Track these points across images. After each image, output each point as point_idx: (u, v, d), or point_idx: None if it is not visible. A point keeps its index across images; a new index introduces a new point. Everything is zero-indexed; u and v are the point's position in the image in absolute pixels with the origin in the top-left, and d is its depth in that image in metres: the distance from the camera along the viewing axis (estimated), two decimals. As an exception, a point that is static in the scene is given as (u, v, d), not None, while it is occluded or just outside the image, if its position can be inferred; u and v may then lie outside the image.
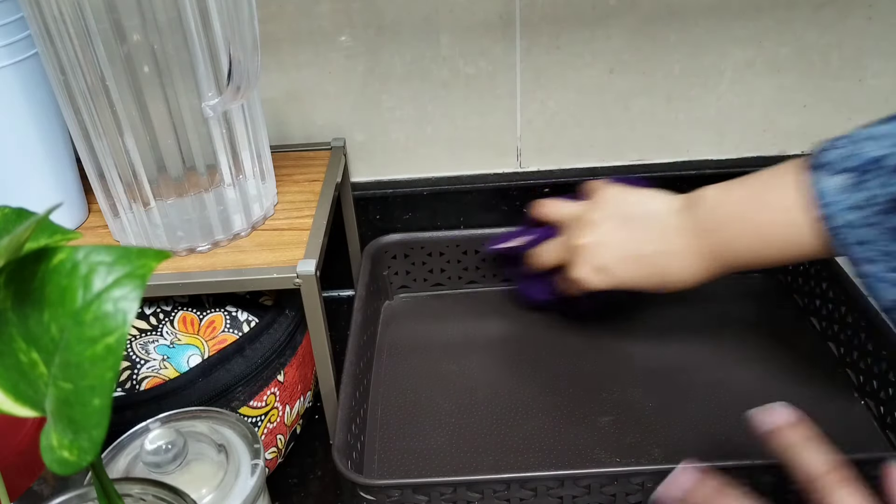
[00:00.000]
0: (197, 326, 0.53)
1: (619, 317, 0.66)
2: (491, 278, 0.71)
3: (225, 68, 0.48)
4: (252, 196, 0.55)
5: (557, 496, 0.46)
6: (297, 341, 0.56)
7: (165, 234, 0.53)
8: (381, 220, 0.73)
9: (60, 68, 0.47)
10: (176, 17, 0.46)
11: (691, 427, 0.55)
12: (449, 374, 0.61)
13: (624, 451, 0.54)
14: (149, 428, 0.44)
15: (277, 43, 0.66)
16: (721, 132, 0.71)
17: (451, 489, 0.46)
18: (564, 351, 0.63)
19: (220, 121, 0.50)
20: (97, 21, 0.44)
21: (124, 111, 0.47)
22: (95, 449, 0.23)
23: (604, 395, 0.58)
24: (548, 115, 0.70)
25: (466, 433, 0.56)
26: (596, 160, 0.72)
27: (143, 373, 0.50)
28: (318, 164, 0.64)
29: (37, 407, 0.26)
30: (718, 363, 0.61)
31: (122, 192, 0.51)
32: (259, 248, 0.54)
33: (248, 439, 0.43)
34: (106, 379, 0.23)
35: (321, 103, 0.69)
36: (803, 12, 0.65)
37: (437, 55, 0.66)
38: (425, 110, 0.69)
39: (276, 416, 0.53)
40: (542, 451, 0.54)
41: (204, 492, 0.40)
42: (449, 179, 0.72)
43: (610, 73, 0.68)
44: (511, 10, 0.64)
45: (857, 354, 0.58)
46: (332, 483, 0.57)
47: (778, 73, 0.68)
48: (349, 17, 0.65)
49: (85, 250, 0.24)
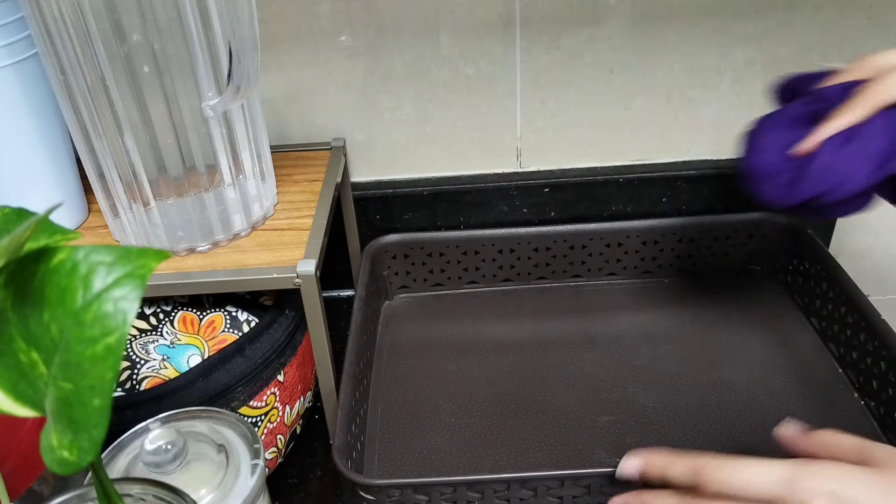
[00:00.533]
0: (197, 326, 0.53)
1: (618, 319, 0.66)
2: (491, 278, 0.71)
3: (225, 68, 0.48)
4: (252, 196, 0.55)
5: (557, 496, 0.46)
6: (297, 341, 0.56)
7: (165, 234, 0.53)
8: (381, 220, 0.73)
9: (60, 68, 0.47)
10: (176, 17, 0.46)
11: (691, 427, 0.55)
12: (449, 374, 0.61)
13: (624, 451, 0.53)
14: (149, 428, 0.44)
15: (277, 43, 0.66)
16: (721, 132, 0.71)
17: (451, 489, 0.46)
18: (564, 351, 0.63)
19: (220, 121, 0.50)
20: (97, 21, 0.44)
21: (124, 111, 0.47)
22: (95, 449, 0.23)
23: (604, 395, 0.58)
24: (548, 115, 0.70)
25: (466, 433, 0.56)
26: (596, 160, 0.72)
27: (143, 373, 0.50)
28: (318, 164, 0.64)
29: (37, 407, 0.26)
30: (718, 363, 0.61)
31: (122, 192, 0.51)
32: (259, 248, 0.54)
33: (248, 439, 0.43)
34: (106, 379, 0.23)
35: (321, 103, 0.69)
36: (803, 12, 0.65)
37: (437, 55, 0.66)
38: (425, 110, 0.69)
39: (276, 416, 0.53)
40: (542, 451, 0.54)
41: (204, 492, 0.40)
42: (449, 179, 0.72)
43: (610, 73, 0.68)
44: (511, 10, 0.64)
45: (857, 354, 0.58)
46: (332, 483, 0.57)
47: (778, 73, 0.68)
48: (349, 17, 0.65)
49: (85, 250, 0.24)
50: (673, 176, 0.71)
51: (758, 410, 0.56)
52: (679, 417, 0.56)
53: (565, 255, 0.70)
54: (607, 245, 0.69)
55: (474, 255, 0.70)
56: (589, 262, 0.70)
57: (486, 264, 0.70)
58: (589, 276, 0.71)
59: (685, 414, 0.56)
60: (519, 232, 0.69)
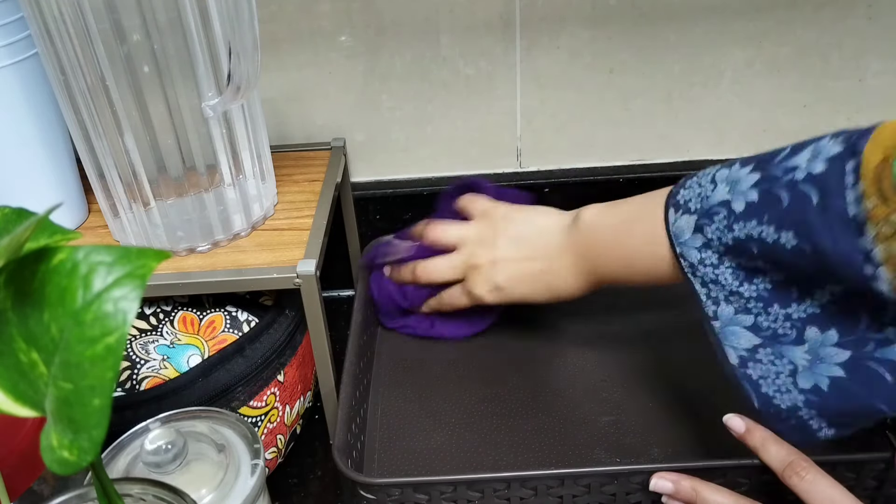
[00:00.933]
0: (197, 326, 0.53)
1: (614, 319, 0.66)
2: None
3: (225, 68, 0.48)
4: (252, 196, 0.55)
5: (557, 495, 0.46)
6: (297, 341, 0.56)
7: (165, 234, 0.53)
8: (381, 220, 0.73)
9: (60, 68, 0.47)
10: (176, 17, 0.46)
11: (691, 427, 0.55)
12: (449, 373, 0.61)
13: (624, 450, 0.54)
14: (149, 428, 0.44)
15: (277, 43, 0.66)
16: (721, 132, 0.71)
17: (452, 488, 0.46)
18: (564, 351, 0.63)
19: (220, 121, 0.50)
20: (97, 21, 0.44)
21: (124, 111, 0.47)
22: (95, 449, 0.23)
23: (604, 395, 0.58)
24: (548, 115, 0.70)
25: (466, 433, 0.56)
26: (596, 160, 0.72)
27: (143, 373, 0.50)
28: (318, 164, 0.64)
29: (37, 407, 0.26)
30: (718, 363, 0.61)
31: (122, 192, 0.51)
32: (259, 248, 0.54)
33: (248, 439, 0.43)
34: (106, 379, 0.23)
35: (321, 103, 0.69)
36: (803, 12, 0.65)
37: (437, 55, 0.66)
38: (425, 110, 0.69)
39: (276, 416, 0.53)
40: (542, 451, 0.54)
41: (204, 492, 0.40)
42: (449, 179, 0.72)
43: (610, 73, 0.68)
44: (511, 10, 0.64)
45: (856, 354, 0.58)
46: (332, 483, 0.57)
47: (778, 73, 0.68)
48: (349, 17, 0.65)
49: (85, 250, 0.24)
50: (673, 176, 0.71)
51: (758, 410, 0.56)
52: (679, 417, 0.56)
53: (565, 254, 0.69)
54: (607, 245, 0.69)
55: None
56: (589, 262, 0.70)
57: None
58: (589, 276, 0.70)
59: (685, 414, 0.56)
60: (519, 232, 0.69)
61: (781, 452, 0.43)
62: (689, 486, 0.44)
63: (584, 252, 0.53)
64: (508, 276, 0.57)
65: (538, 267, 0.56)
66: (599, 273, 0.53)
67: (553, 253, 0.55)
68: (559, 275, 0.55)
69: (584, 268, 0.54)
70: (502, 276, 0.57)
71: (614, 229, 0.52)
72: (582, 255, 0.54)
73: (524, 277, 0.56)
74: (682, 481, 0.44)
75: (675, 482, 0.44)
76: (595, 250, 0.53)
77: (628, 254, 0.51)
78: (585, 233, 0.53)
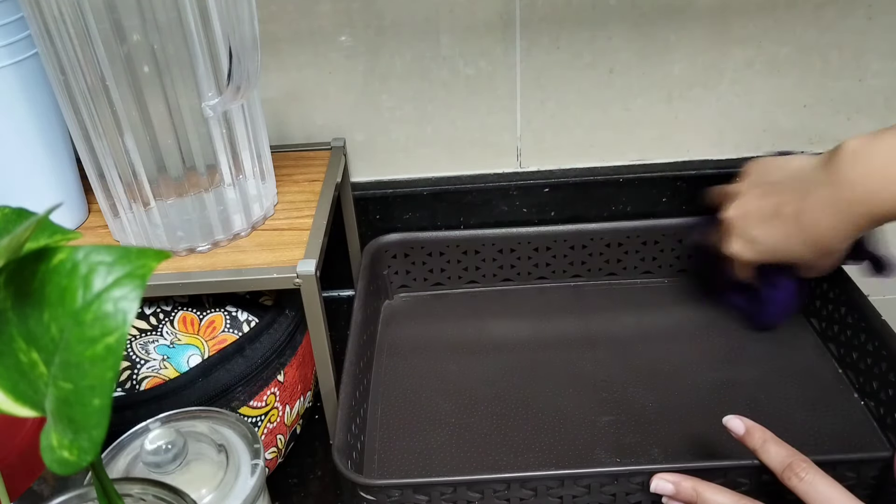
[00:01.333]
0: (197, 326, 0.53)
1: (628, 320, 0.66)
2: (491, 278, 0.71)
3: (225, 68, 0.48)
4: (252, 196, 0.55)
5: (557, 496, 0.46)
6: (297, 341, 0.56)
7: (165, 234, 0.53)
8: (381, 220, 0.73)
9: (60, 68, 0.47)
10: (176, 17, 0.46)
11: (691, 427, 0.55)
12: (449, 374, 0.61)
13: (624, 451, 0.54)
14: (149, 428, 0.44)
15: (277, 43, 0.66)
16: (721, 132, 0.71)
17: (452, 489, 0.46)
18: (564, 351, 0.63)
19: (220, 121, 0.50)
20: (97, 21, 0.44)
21: (124, 111, 0.47)
22: (95, 449, 0.23)
23: (604, 395, 0.58)
24: (548, 115, 0.70)
25: (466, 433, 0.56)
26: (596, 160, 0.72)
27: (143, 373, 0.50)
28: (318, 164, 0.64)
29: (37, 407, 0.26)
30: (718, 363, 0.61)
31: (122, 192, 0.51)
32: (259, 248, 0.54)
33: (248, 439, 0.43)
34: (106, 379, 0.23)
35: (321, 103, 0.69)
36: (803, 12, 0.65)
37: (437, 55, 0.66)
38: (425, 110, 0.69)
39: (276, 416, 0.53)
40: (542, 451, 0.54)
41: (204, 492, 0.40)
42: (449, 179, 0.72)
43: (610, 73, 0.68)
44: (511, 10, 0.64)
45: (856, 354, 0.58)
46: (332, 483, 0.57)
47: (778, 73, 0.68)
48: (349, 17, 0.65)
49: (85, 250, 0.24)
50: (673, 176, 0.71)
51: (758, 411, 0.56)
52: (679, 417, 0.56)
53: (565, 255, 0.70)
54: (607, 245, 0.69)
55: (474, 255, 0.70)
56: (589, 262, 0.70)
57: (486, 264, 0.70)
58: (589, 276, 0.70)
59: (685, 414, 0.56)
60: (519, 232, 0.69)
61: (781, 453, 0.43)
62: (690, 486, 0.44)
63: (851, 183, 0.48)
64: (760, 224, 0.55)
65: (791, 209, 0.52)
66: (870, 205, 0.48)
67: (809, 189, 0.51)
68: (812, 215, 0.51)
69: (846, 204, 0.49)
70: (754, 225, 0.55)
71: (889, 153, 0.47)
72: (847, 187, 0.48)
73: (776, 224, 0.53)
74: (682, 482, 0.44)
75: (675, 483, 0.44)
76: (865, 184, 0.48)
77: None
78: (850, 164, 0.48)
